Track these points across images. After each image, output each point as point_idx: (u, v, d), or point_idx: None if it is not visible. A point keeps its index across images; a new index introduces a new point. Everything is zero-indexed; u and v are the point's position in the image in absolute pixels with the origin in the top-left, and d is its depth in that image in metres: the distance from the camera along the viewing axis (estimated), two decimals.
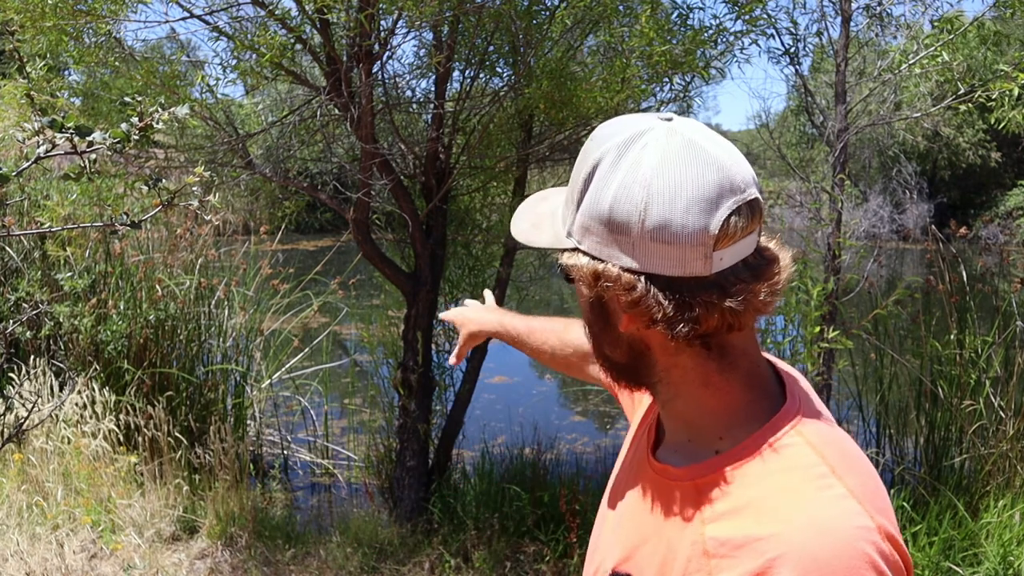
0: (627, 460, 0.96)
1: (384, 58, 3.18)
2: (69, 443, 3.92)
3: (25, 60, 2.86)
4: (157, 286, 4.39)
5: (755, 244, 0.78)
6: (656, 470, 0.86)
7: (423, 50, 3.66)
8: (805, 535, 0.71)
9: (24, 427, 3.60)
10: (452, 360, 1.55)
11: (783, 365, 0.89)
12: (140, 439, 4.00)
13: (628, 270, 0.76)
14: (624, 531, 0.89)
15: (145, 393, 4.14)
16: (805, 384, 0.89)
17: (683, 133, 0.76)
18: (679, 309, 0.75)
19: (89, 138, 1.32)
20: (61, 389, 4.25)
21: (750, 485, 0.76)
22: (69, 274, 4.21)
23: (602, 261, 0.77)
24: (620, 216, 0.75)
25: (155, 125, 1.34)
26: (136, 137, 1.36)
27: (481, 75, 3.55)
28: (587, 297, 0.82)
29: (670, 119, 0.78)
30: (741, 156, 0.77)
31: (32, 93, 2.75)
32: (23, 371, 4.30)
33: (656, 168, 0.74)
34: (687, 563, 0.77)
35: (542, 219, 0.88)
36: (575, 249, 0.80)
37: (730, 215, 0.73)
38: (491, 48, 3.40)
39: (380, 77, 3.29)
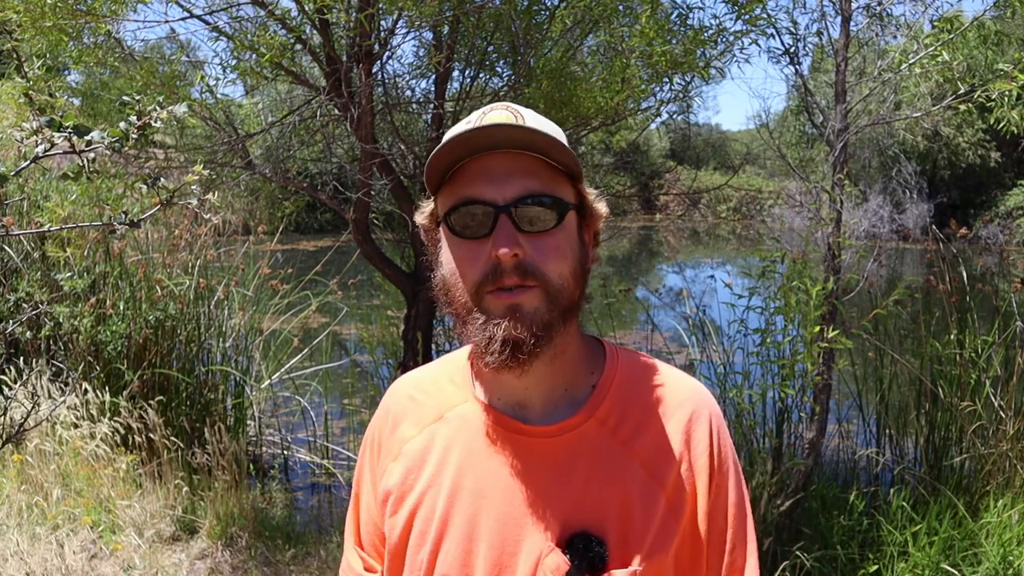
0: (483, 473, 0.92)
1: (384, 58, 3.18)
2: (67, 444, 3.91)
3: (24, 60, 2.86)
4: (156, 286, 4.38)
5: None
6: (550, 433, 0.92)
7: (423, 50, 3.66)
8: (694, 394, 0.97)
9: (24, 428, 3.59)
10: None
11: None
12: (140, 440, 4.00)
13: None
14: (542, 511, 0.89)
15: (144, 393, 4.13)
16: None
17: None
18: None
19: (87, 137, 1.31)
20: (60, 390, 4.24)
21: (632, 394, 0.95)
22: (69, 274, 4.21)
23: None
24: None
25: (154, 124, 1.34)
26: (135, 136, 1.35)
27: (481, 75, 3.55)
28: (577, 235, 0.92)
29: None
30: None
31: (31, 93, 2.75)
32: (20, 371, 4.29)
33: None
34: (641, 482, 0.91)
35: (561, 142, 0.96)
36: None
37: None
38: (491, 48, 3.40)
39: (380, 77, 3.29)
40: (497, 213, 0.85)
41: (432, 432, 0.97)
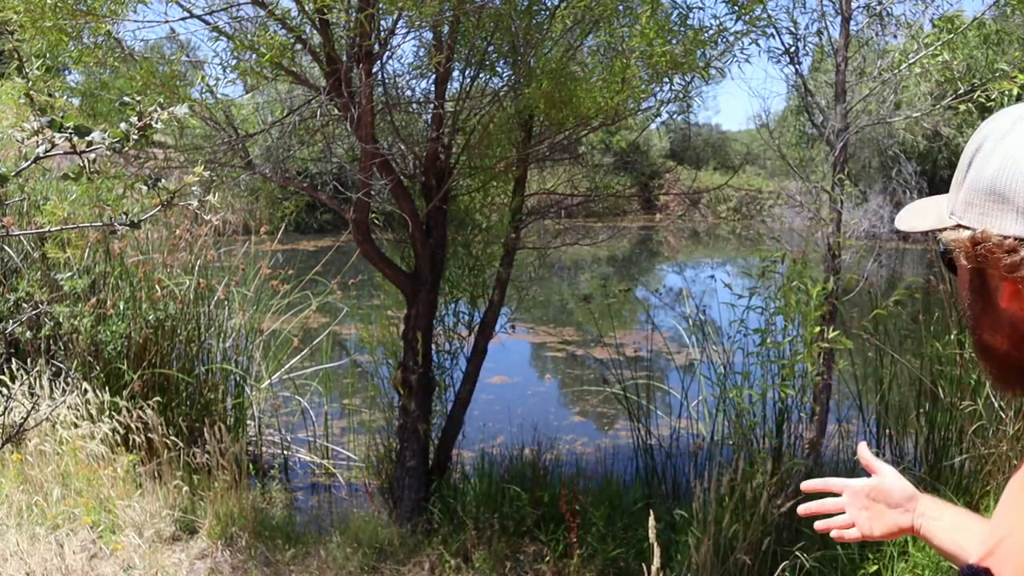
0: None
1: (384, 58, 3.18)
2: (67, 444, 3.91)
3: (24, 60, 2.86)
4: (157, 286, 4.38)
5: None
6: None
7: (423, 50, 3.66)
8: None
9: (23, 428, 3.60)
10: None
11: None
12: (139, 440, 4.00)
13: (1011, 237, 0.76)
14: (992, 525, 0.87)
15: (144, 393, 4.13)
16: None
17: None
18: None
19: (88, 138, 1.31)
20: (60, 390, 4.24)
21: None
22: (69, 274, 4.21)
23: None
24: (1002, 184, 0.77)
25: (154, 125, 1.34)
26: (135, 137, 1.35)
27: (481, 75, 3.55)
28: (967, 274, 0.83)
29: None
30: None
31: (31, 93, 2.75)
32: (20, 371, 4.29)
33: None
34: None
35: (927, 209, 0.90)
36: (957, 226, 0.82)
37: None
38: (491, 48, 3.40)
39: (380, 77, 3.29)
40: None
41: None
